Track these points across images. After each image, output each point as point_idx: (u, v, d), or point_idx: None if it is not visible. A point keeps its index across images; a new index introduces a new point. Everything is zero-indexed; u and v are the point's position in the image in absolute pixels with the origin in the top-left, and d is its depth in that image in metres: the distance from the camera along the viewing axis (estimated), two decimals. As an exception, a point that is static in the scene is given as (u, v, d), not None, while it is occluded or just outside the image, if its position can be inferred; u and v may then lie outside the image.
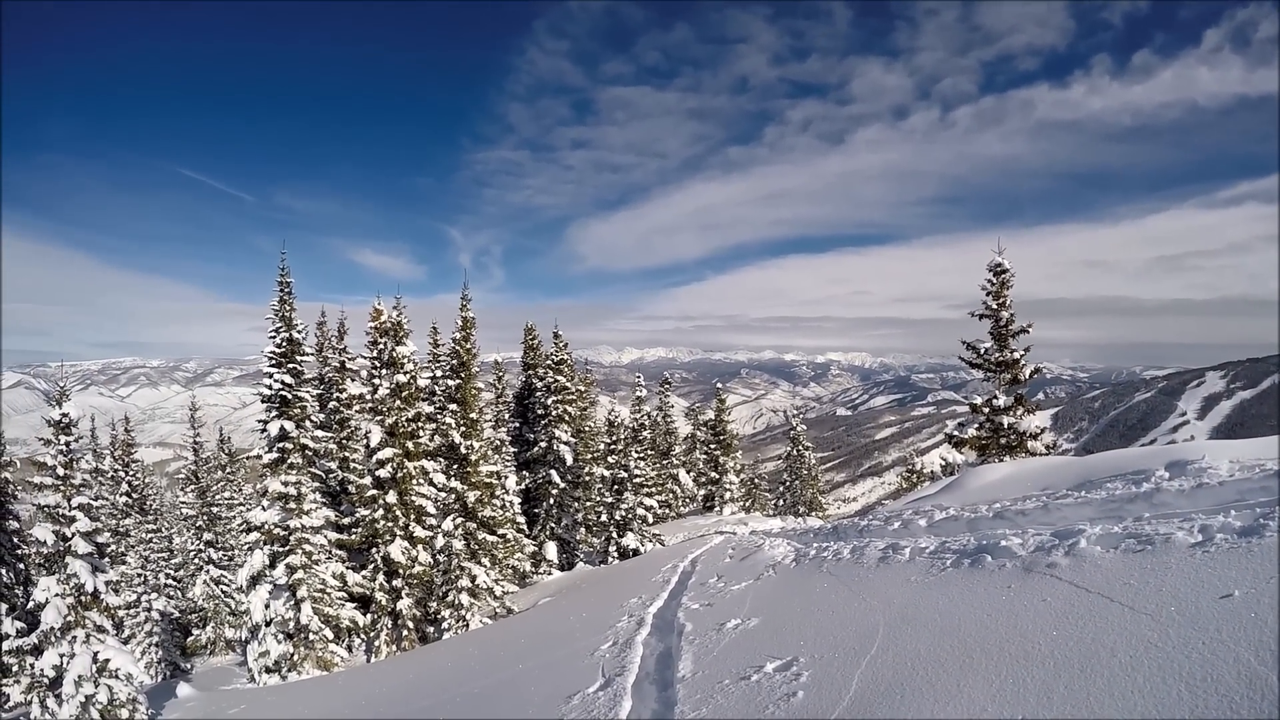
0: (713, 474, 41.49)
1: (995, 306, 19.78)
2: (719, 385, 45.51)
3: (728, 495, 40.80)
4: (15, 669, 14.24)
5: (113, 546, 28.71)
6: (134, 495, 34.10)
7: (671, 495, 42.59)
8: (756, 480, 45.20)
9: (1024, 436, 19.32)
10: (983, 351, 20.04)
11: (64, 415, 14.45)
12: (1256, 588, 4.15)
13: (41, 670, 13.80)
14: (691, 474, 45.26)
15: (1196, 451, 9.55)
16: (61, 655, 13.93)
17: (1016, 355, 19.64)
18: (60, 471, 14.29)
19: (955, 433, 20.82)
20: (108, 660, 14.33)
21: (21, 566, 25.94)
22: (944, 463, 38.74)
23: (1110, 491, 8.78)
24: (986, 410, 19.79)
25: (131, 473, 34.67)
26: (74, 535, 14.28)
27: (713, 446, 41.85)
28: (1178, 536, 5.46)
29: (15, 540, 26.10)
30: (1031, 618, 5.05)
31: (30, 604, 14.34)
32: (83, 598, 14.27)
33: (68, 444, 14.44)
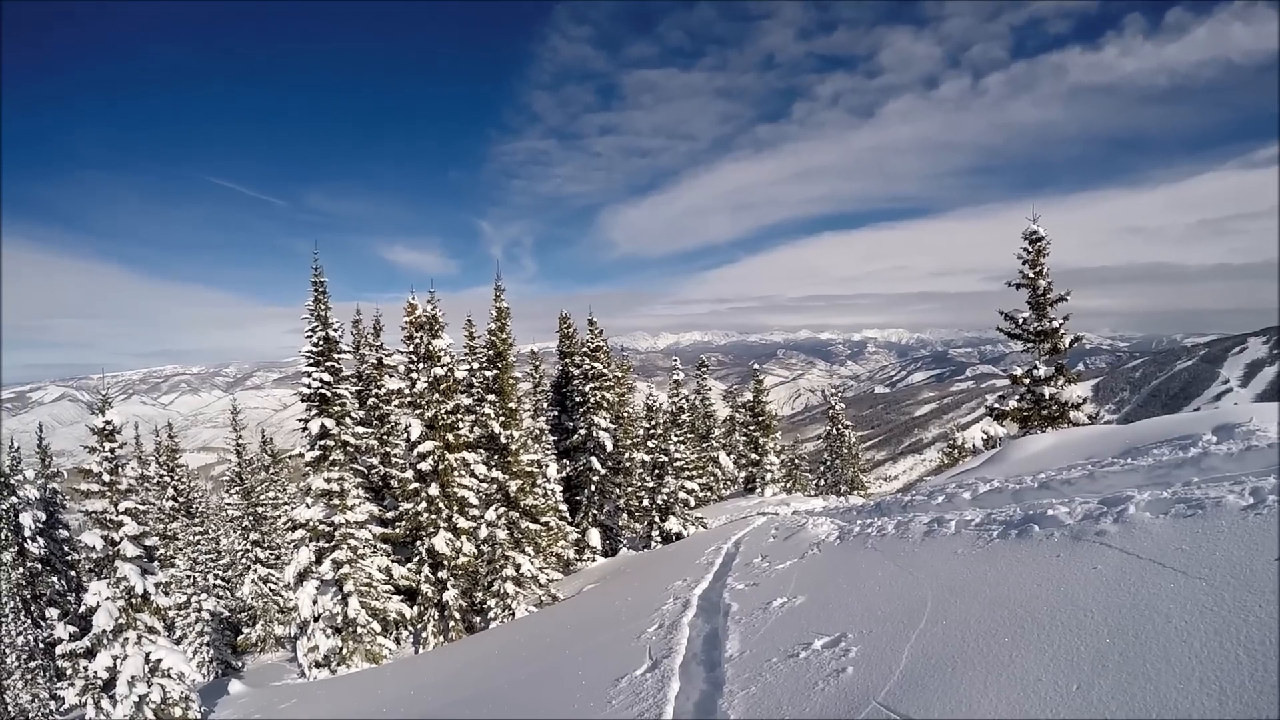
0: (753, 455, 41.37)
1: (1032, 275, 19.54)
2: (756, 366, 45.27)
3: (768, 476, 40.68)
4: (70, 672, 14.58)
5: (161, 550, 29.30)
6: (180, 499, 34.89)
7: (712, 478, 42.59)
8: (797, 461, 45.00)
9: (1066, 407, 19.10)
10: (1021, 321, 19.80)
11: (107, 423, 14.71)
12: (1312, 547, 4.05)
13: (95, 672, 14.08)
14: (731, 456, 45.20)
15: (1244, 415, 9.37)
16: (114, 657, 14.22)
17: (1055, 324, 19.39)
18: (106, 478, 14.55)
19: (996, 405, 20.65)
20: (160, 660, 14.61)
21: (73, 573, 26.65)
22: (985, 436, 38.38)
23: (1157, 458, 8.64)
24: (1027, 381, 19.59)
25: (177, 477, 35.43)
26: (122, 539, 14.55)
27: (752, 428, 41.72)
28: (1228, 500, 5.37)
29: (65, 548, 26.81)
30: (1082, 586, 4.99)
31: (82, 608, 14.63)
32: (133, 600, 14.55)
33: (112, 450, 14.70)
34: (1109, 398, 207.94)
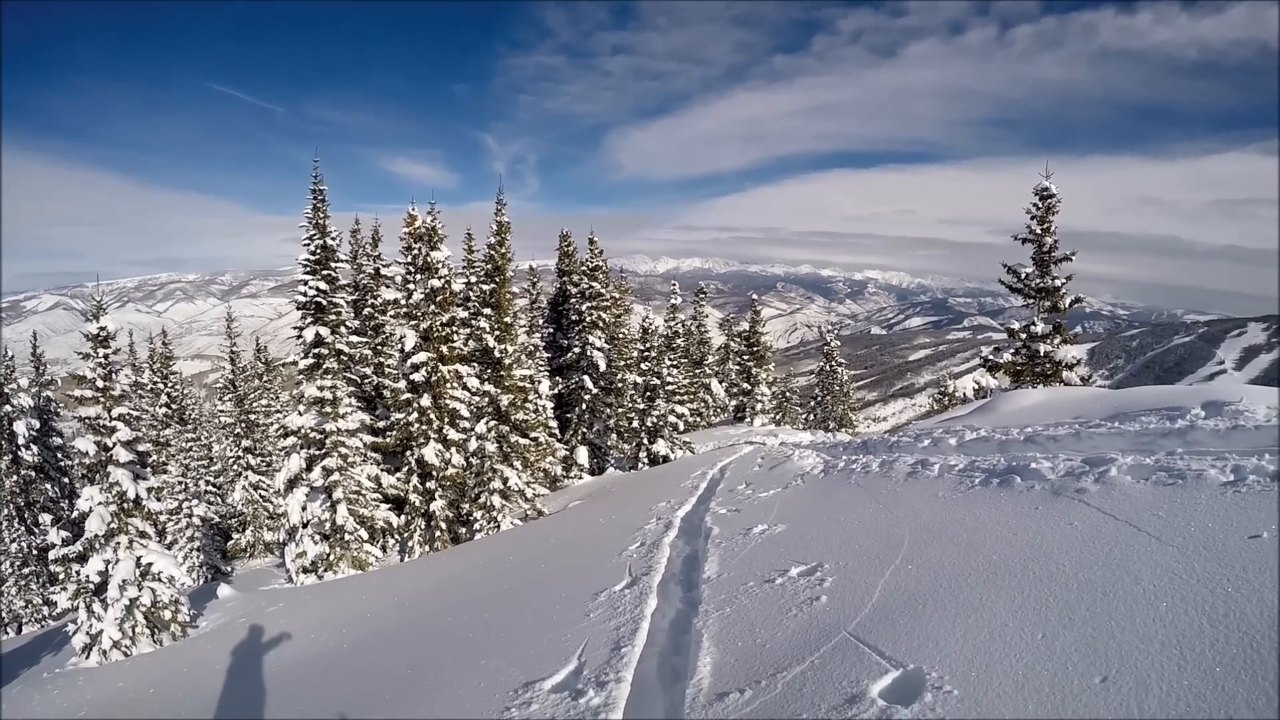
0: (745, 385, 41.55)
1: (1039, 231, 19.44)
2: (754, 297, 45.14)
3: (759, 407, 40.94)
4: (62, 576, 14.70)
5: (154, 456, 29.61)
6: (173, 406, 35.14)
7: (703, 404, 42.84)
8: (788, 394, 45.25)
9: (1060, 366, 19.20)
10: (1024, 276, 19.77)
11: (101, 329, 14.58)
12: (1286, 530, 4.13)
13: (87, 576, 14.19)
14: (724, 384, 45.39)
15: (1235, 393, 9.43)
16: (106, 561, 14.33)
17: (1058, 283, 19.36)
18: (100, 384, 14.47)
19: (991, 357, 20.76)
20: (150, 564, 14.72)
21: (66, 480, 26.94)
22: (977, 387, 38.57)
23: (1144, 425, 8.72)
24: (1024, 336, 19.64)
25: (170, 385, 35.65)
26: (115, 445, 14.55)
27: (746, 358, 41.82)
28: (1210, 474, 5.46)
29: (59, 455, 27.07)
30: (1057, 540, 5.11)
31: (75, 514, 14.69)
32: (125, 505, 14.61)
33: (106, 356, 14.57)
34: (1103, 363, 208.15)
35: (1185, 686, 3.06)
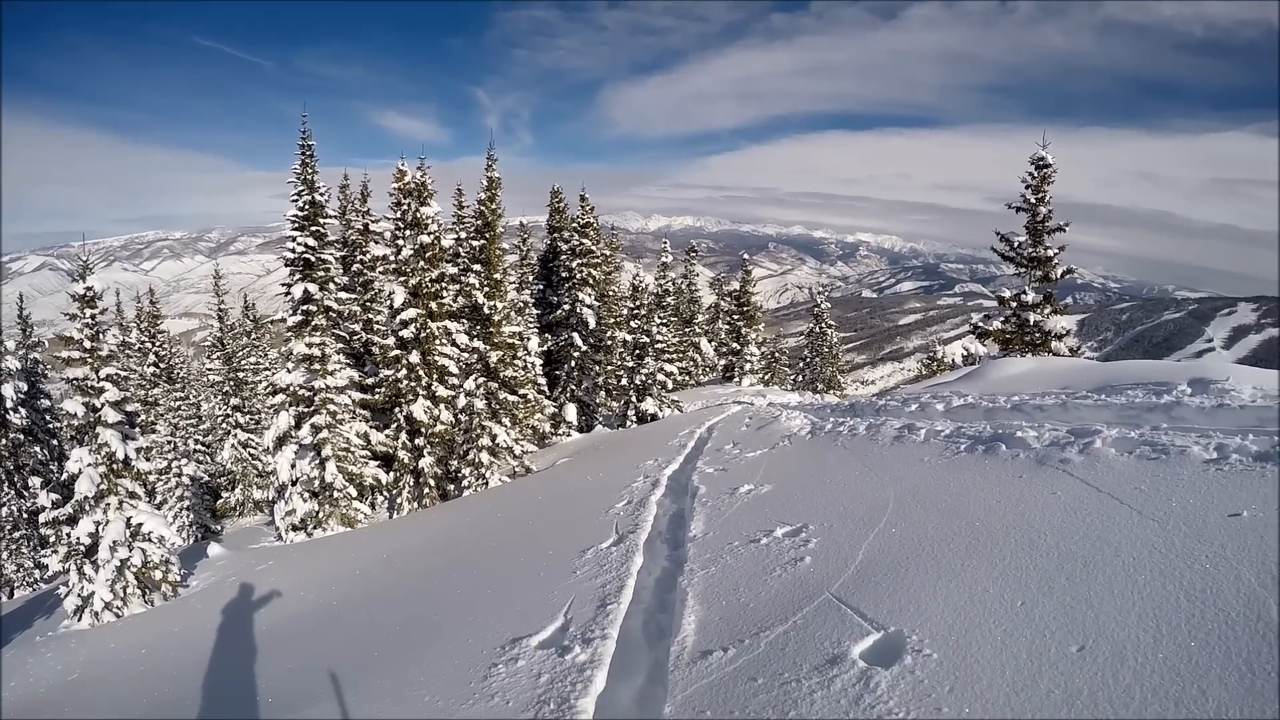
0: (734, 345, 41.65)
1: (1034, 201, 19.39)
2: (746, 257, 45.07)
3: (748, 367, 41.06)
4: (52, 539, 14.66)
5: (142, 416, 29.42)
6: (161, 365, 34.92)
7: (692, 363, 42.95)
8: (777, 354, 45.35)
9: (1049, 335, 19.26)
10: (1016, 245, 19.75)
11: (88, 289, 14.39)
12: (1265, 512, 4.19)
13: (77, 538, 14.15)
14: (713, 344, 45.46)
15: (1222, 372, 9.48)
16: (96, 522, 14.28)
17: (1050, 252, 19.35)
18: (87, 345, 14.30)
19: (981, 324, 20.79)
20: (140, 525, 14.69)
21: (55, 442, 26.82)
22: (966, 353, 38.76)
23: (1130, 399, 8.78)
24: (1014, 305, 19.67)
25: (158, 344, 35.34)
26: (103, 405, 14.41)
27: (736, 317, 41.87)
28: (1193, 450, 5.51)
29: (47, 418, 26.93)
30: (1040, 509, 5.18)
31: (64, 476, 14.62)
32: (114, 466, 14.53)
33: (93, 316, 14.39)
34: (1093, 335, 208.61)
35: (1160, 659, 3.12)
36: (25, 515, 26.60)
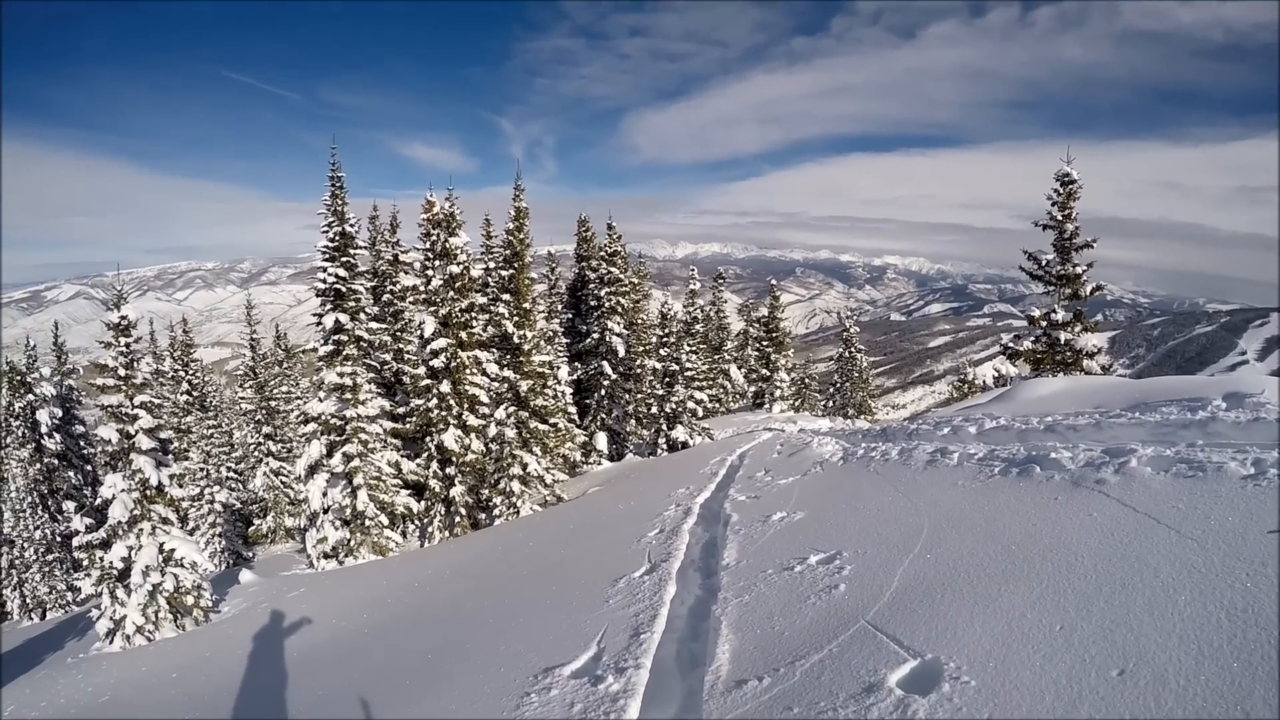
0: (764, 371, 41.49)
1: (1060, 218, 19.28)
2: (773, 282, 45.00)
3: (778, 393, 40.87)
4: (85, 563, 14.87)
5: (175, 443, 29.81)
6: (194, 393, 35.45)
7: (722, 390, 42.88)
8: (807, 380, 45.13)
9: (1080, 354, 19.07)
10: (1044, 263, 19.63)
11: (123, 318, 14.69)
12: (1307, 526, 4.10)
13: (110, 562, 14.37)
14: (742, 370, 45.37)
15: (1256, 385, 9.32)
16: (129, 547, 14.52)
17: (1079, 270, 19.20)
18: (121, 372, 14.58)
19: (1011, 344, 20.62)
20: (173, 550, 14.91)
21: (89, 467, 27.32)
22: (997, 375, 38.38)
23: (1165, 416, 8.65)
24: (1044, 324, 19.51)
25: (191, 372, 35.92)
26: (137, 432, 14.69)
27: (765, 343, 41.76)
28: (1230, 466, 5.40)
29: (81, 443, 27.44)
30: (1076, 531, 5.11)
31: (98, 501, 14.83)
32: (148, 492, 14.77)
33: (128, 345, 14.67)
34: (1124, 352, 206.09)
35: (1202, 682, 3.07)
36: (58, 538, 27.06)
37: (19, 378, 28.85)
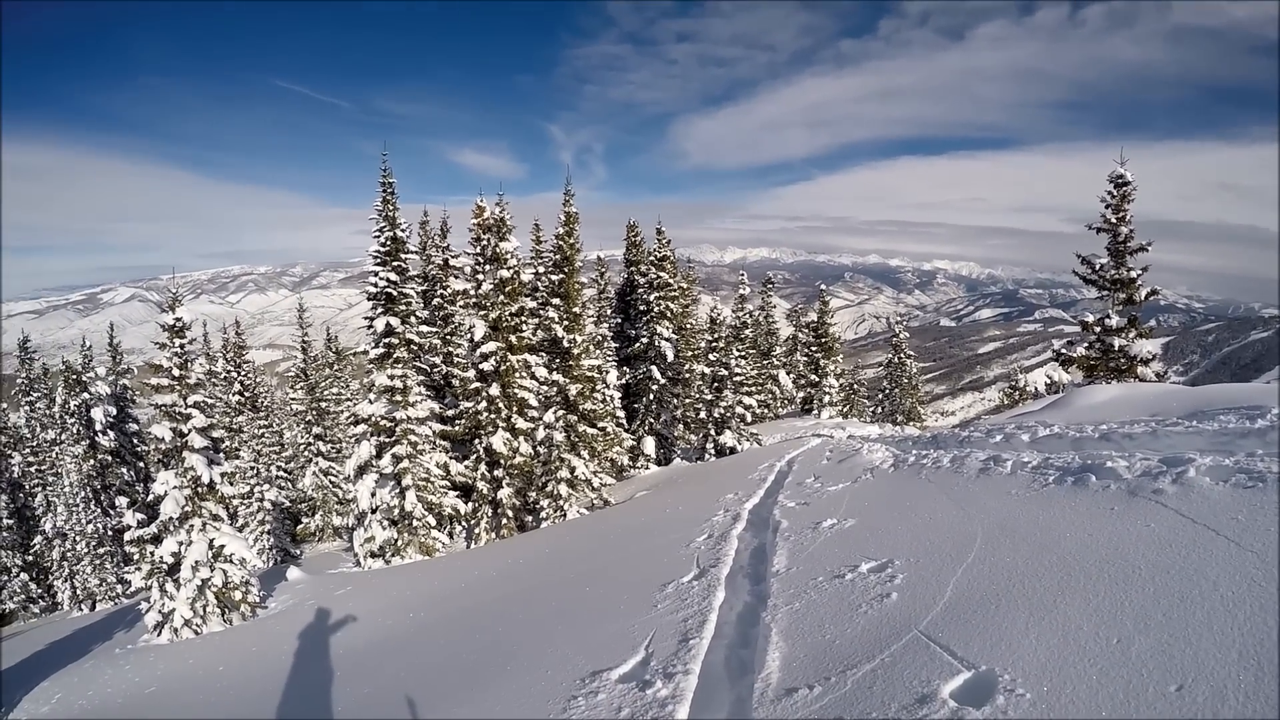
0: (812, 376, 41.29)
1: (1114, 221, 18.94)
2: (822, 287, 44.75)
3: (826, 399, 40.63)
4: (136, 557, 15.29)
5: (227, 442, 30.59)
6: (246, 394, 36.21)
7: (770, 396, 42.70)
8: (856, 386, 44.79)
9: (1134, 360, 18.70)
10: (1098, 267, 19.29)
11: (177, 319, 15.11)
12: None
13: (161, 557, 14.79)
14: (791, 376, 45.17)
15: (1314, 393, 9.11)
16: (179, 543, 14.94)
17: (1133, 274, 18.84)
18: (176, 372, 15.00)
19: (1063, 350, 20.30)
20: (223, 546, 15.32)
21: (141, 464, 28.12)
22: (1049, 382, 37.83)
23: (1223, 424, 8.45)
24: (1098, 329, 19.18)
25: (243, 373, 36.68)
26: (190, 431, 15.10)
27: (814, 349, 41.55)
28: (1290, 477, 5.29)
29: (135, 441, 28.24)
30: (1133, 542, 5.02)
31: (150, 497, 15.26)
32: (199, 489, 15.18)
33: (182, 346, 15.08)
34: (1178, 358, 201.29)
35: (1263, 699, 3.02)
36: (110, 533, 27.84)
37: (75, 376, 29.81)
